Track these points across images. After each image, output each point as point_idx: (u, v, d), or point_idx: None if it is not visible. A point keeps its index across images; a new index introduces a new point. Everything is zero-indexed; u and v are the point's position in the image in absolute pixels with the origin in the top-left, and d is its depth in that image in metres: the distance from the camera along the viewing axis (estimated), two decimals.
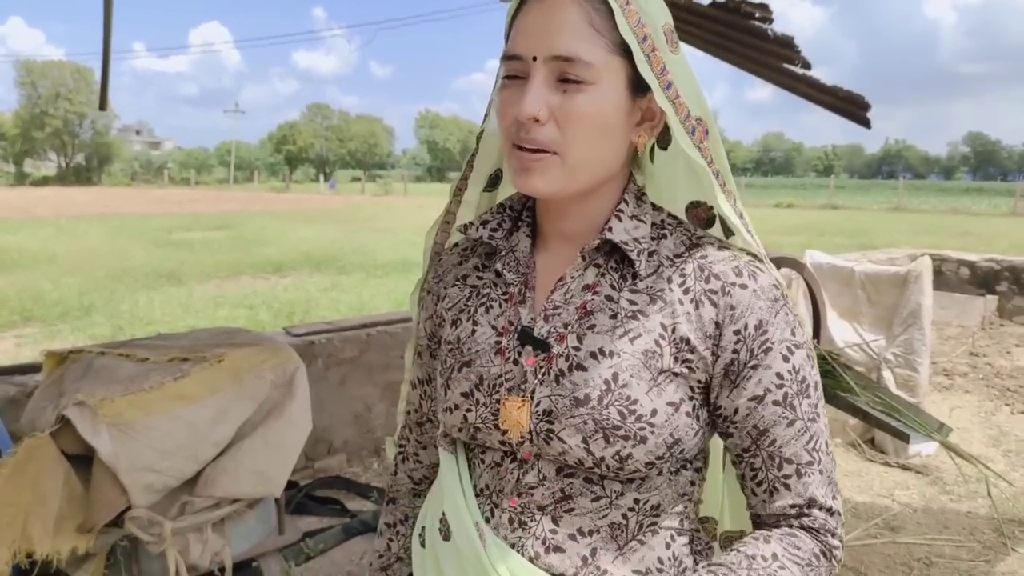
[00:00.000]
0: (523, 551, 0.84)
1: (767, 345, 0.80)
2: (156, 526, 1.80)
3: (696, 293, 0.82)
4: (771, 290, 0.81)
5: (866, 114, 3.72)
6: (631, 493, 0.82)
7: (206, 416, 1.79)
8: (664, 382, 0.80)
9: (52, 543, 1.68)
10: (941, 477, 3.85)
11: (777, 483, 0.82)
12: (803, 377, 0.81)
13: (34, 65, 61.27)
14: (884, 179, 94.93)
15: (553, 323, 0.84)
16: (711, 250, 0.84)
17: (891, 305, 4.29)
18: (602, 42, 0.77)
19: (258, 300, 9.08)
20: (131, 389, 1.74)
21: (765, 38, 3.90)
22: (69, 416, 1.68)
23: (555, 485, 0.83)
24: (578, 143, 0.78)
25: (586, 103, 0.77)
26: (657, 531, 0.85)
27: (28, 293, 9.58)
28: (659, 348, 0.80)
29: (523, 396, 0.83)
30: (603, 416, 0.78)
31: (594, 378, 0.80)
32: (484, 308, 0.90)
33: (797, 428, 0.81)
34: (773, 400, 0.80)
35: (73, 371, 1.83)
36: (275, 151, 79.48)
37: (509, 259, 0.90)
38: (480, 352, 0.87)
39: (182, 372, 1.80)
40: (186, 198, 36.85)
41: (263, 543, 2.10)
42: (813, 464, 0.81)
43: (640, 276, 0.83)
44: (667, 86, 0.80)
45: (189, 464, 1.80)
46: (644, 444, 0.78)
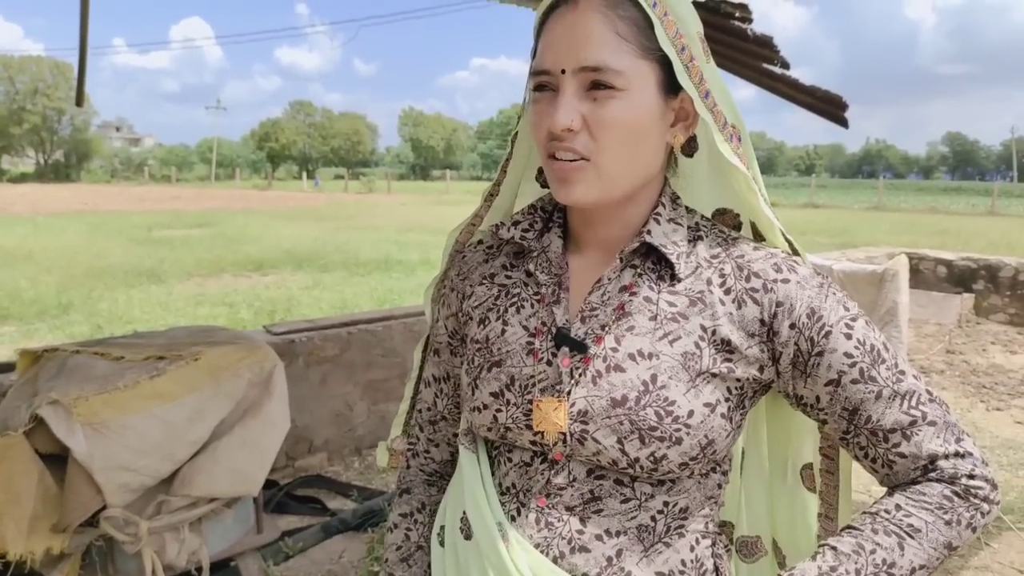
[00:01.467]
0: (548, 551, 0.84)
1: (826, 329, 0.80)
2: (132, 526, 1.79)
3: (738, 293, 0.82)
4: (813, 278, 0.83)
5: (844, 114, 3.77)
6: (661, 496, 0.83)
7: (182, 415, 1.78)
8: (702, 383, 0.80)
9: (26, 543, 1.66)
10: None
11: (890, 454, 0.81)
12: (871, 346, 0.80)
13: (11, 60, 60.31)
14: (864, 178, 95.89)
15: (590, 324, 0.85)
16: (747, 249, 0.85)
17: (868, 303, 4.33)
18: (629, 48, 0.77)
19: (239, 298, 9.01)
20: (106, 388, 1.72)
21: (745, 38, 3.93)
22: (43, 415, 1.66)
23: (585, 486, 0.83)
24: (612, 150, 0.79)
25: (618, 110, 0.78)
26: (684, 534, 0.85)
27: (4, 291, 9.44)
28: (698, 350, 0.81)
29: (559, 397, 0.83)
30: (640, 417, 0.79)
31: (632, 379, 0.80)
32: (515, 308, 0.90)
33: (887, 396, 0.80)
34: (851, 380, 0.80)
35: (47, 370, 1.81)
36: (257, 148, 78.90)
37: (541, 260, 0.91)
38: (511, 352, 0.87)
39: (158, 371, 1.78)
40: (167, 195, 36.50)
41: (241, 542, 2.09)
42: (917, 422, 0.80)
43: (679, 278, 0.84)
44: (705, 95, 0.82)
45: (165, 463, 1.79)
46: (679, 445, 0.79)
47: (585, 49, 0.77)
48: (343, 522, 2.85)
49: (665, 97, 0.82)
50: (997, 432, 4.49)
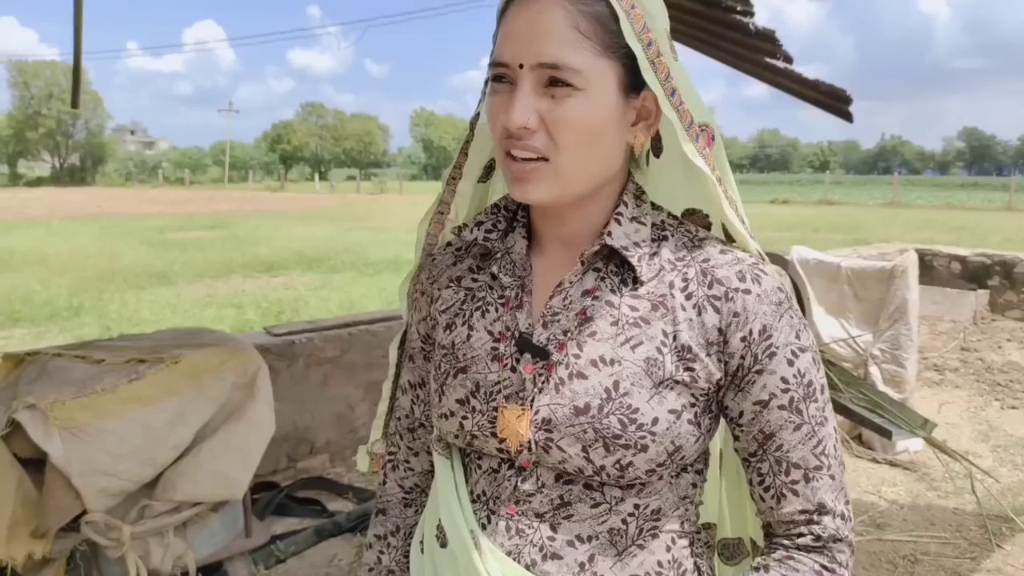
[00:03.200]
0: (520, 559, 0.82)
1: (771, 350, 0.78)
2: (114, 530, 1.76)
3: (698, 299, 0.80)
4: (775, 293, 0.80)
5: (848, 108, 3.69)
6: (631, 499, 0.81)
7: (163, 419, 1.75)
8: (665, 390, 0.78)
9: (6, 548, 1.64)
10: (928, 473, 3.82)
11: (784, 489, 0.81)
12: (809, 381, 0.79)
13: (26, 65, 61.08)
14: (880, 175, 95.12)
15: (552, 330, 0.82)
16: (714, 252, 0.82)
17: (877, 300, 4.26)
18: (589, 46, 0.74)
19: (247, 299, 9.03)
20: (83, 391, 1.69)
21: (747, 32, 3.86)
22: (19, 420, 1.63)
23: (554, 492, 0.82)
24: (570, 149, 0.77)
25: (575, 109, 0.75)
26: (658, 535, 0.84)
27: (17, 294, 9.52)
28: (660, 355, 0.79)
29: (522, 404, 0.81)
30: (603, 425, 0.77)
31: (595, 386, 0.79)
32: (480, 312, 0.88)
33: (804, 432, 0.79)
34: (779, 404, 0.79)
35: (28, 373, 1.79)
36: (270, 150, 79.42)
37: (505, 262, 0.88)
38: (476, 358, 0.85)
39: (137, 374, 1.75)
40: (180, 198, 36.77)
41: (229, 546, 2.06)
42: (822, 469, 0.80)
43: (641, 281, 0.81)
44: (671, 92, 0.79)
45: (146, 468, 1.76)
46: (645, 452, 0.77)
47: (544, 45, 0.74)
48: (336, 525, 2.82)
49: (626, 96, 0.79)
50: (1012, 431, 4.41)
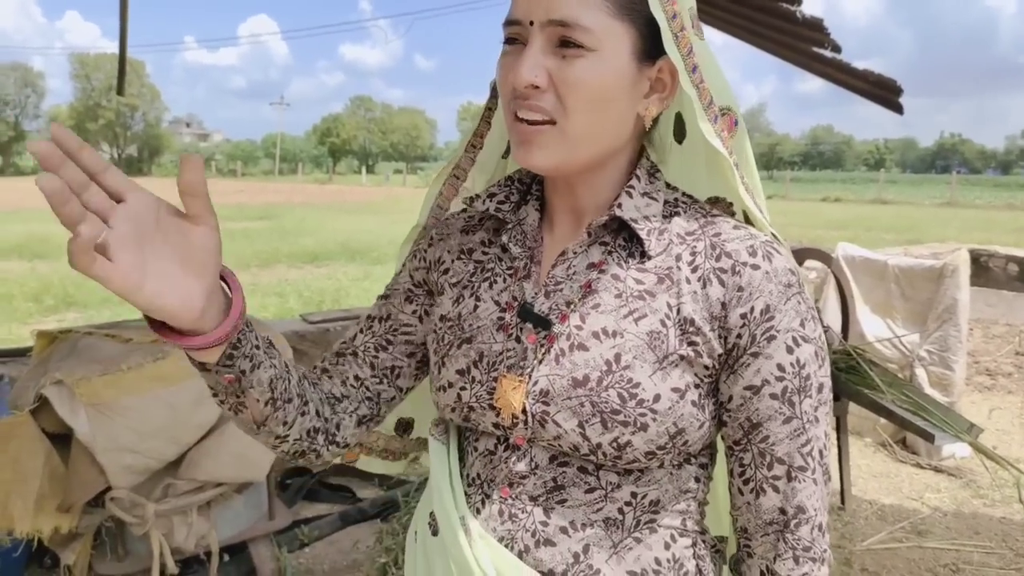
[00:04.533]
0: (512, 545, 0.80)
1: (771, 332, 0.74)
2: (139, 508, 1.79)
3: (705, 271, 0.77)
4: (785, 274, 0.75)
5: (898, 99, 3.57)
6: (628, 486, 0.78)
7: (187, 398, 1.77)
8: (669, 366, 0.75)
9: (33, 522, 1.68)
10: (975, 480, 3.68)
11: (765, 483, 0.77)
12: (807, 374, 0.75)
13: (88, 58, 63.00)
14: (938, 174, 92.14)
15: (555, 299, 0.81)
16: (726, 227, 0.79)
17: (926, 300, 4.12)
18: (603, 5, 0.72)
19: (290, 288, 9.18)
20: (109, 369, 1.73)
21: (793, 21, 3.76)
22: (47, 395, 1.67)
23: (547, 474, 0.79)
24: (578, 112, 0.74)
25: (586, 70, 0.73)
26: (656, 529, 0.80)
27: (71, 280, 9.82)
28: (664, 329, 0.76)
29: (521, 375, 0.79)
30: (602, 399, 0.74)
31: (595, 358, 0.76)
32: (488, 283, 0.86)
33: (793, 427, 0.75)
34: (770, 392, 0.75)
35: (60, 351, 1.83)
36: (319, 143, 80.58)
37: (516, 232, 0.87)
38: (482, 328, 0.84)
39: (163, 353, 1.78)
40: (232, 189, 37.54)
41: (252, 528, 2.08)
42: (806, 471, 0.75)
43: (649, 255, 0.79)
44: (692, 69, 0.76)
45: (170, 446, 1.78)
46: (644, 432, 0.74)
47: (555, 1, 0.72)
48: (361, 511, 2.84)
49: (640, 63, 0.76)
50: None
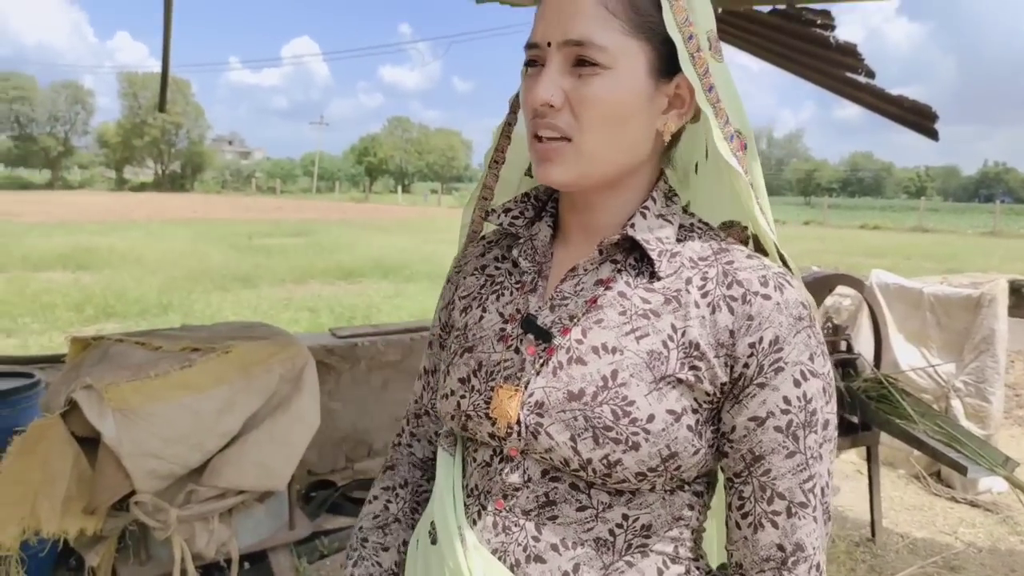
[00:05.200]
0: (505, 558, 0.80)
1: (779, 364, 0.73)
2: (162, 512, 1.83)
3: (715, 298, 0.76)
4: (797, 307, 0.75)
5: (933, 125, 3.52)
6: (619, 507, 0.77)
7: (212, 406, 1.80)
8: (666, 387, 0.75)
9: (60, 523, 1.72)
10: (1012, 516, 3.57)
11: (764, 518, 0.75)
12: (814, 409, 0.74)
13: (135, 77, 64.75)
14: (981, 203, 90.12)
15: (559, 313, 0.81)
16: (739, 256, 0.79)
17: (962, 330, 4.03)
18: (617, 25, 0.74)
19: (322, 304, 9.29)
20: (138, 376, 1.77)
21: (827, 46, 3.75)
22: (77, 399, 1.72)
23: (540, 488, 0.79)
24: (593, 129, 0.76)
25: (601, 87, 0.74)
26: (648, 554, 0.79)
27: (112, 291, 10.09)
28: (666, 350, 0.76)
29: (517, 385, 0.80)
30: (595, 414, 0.74)
31: (592, 373, 0.76)
32: (495, 295, 0.88)
33: (796, 462, 0.74)
34: (775, 425, 0.74)
35: (92, 356, 1.89)
36: (357, 162, 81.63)
37: (527, 247, 0.89)
38: (484, 338, 0.86)
39: (189, 362, 1.82)
40: (271, 206, 38.24)
41: (273, 537, 2.11)
42: (807, 507, 0.74)
43: (658, 276, 0.79)
44: (709, 88, 0.77)
45: (194, 453, 1.82)
46: (636, 451, 0.73)
47: (571, 22, 0.74)
48: None
49: (657, 80, 0.77)
50: None
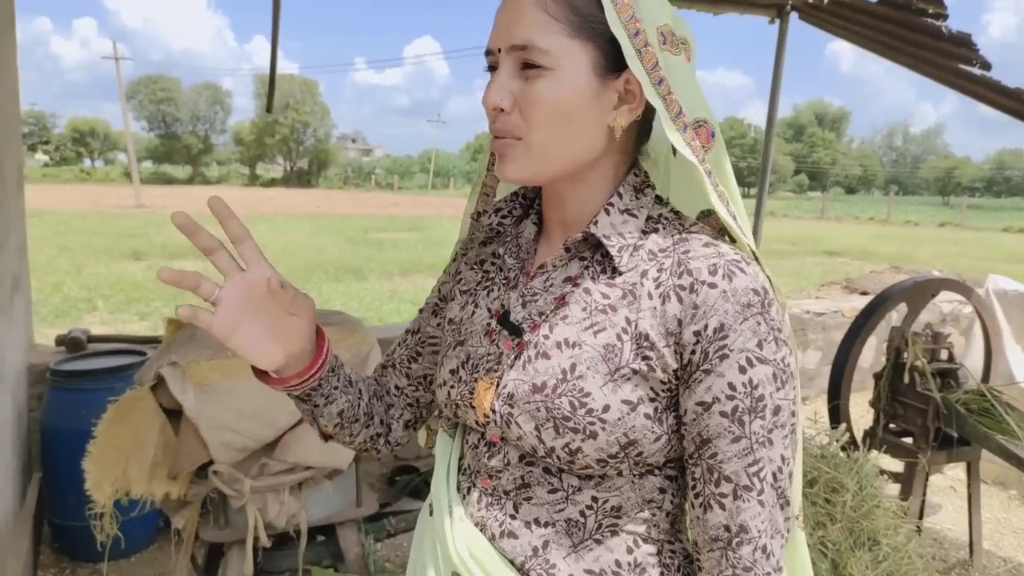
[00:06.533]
0: (485, 530, 0.87)
1: (723, 351, 0.75)
2: (237, 483, 1.98)
3: (666, 288, 0.79)
4: (746, 294, 0.75)
5: None
6: (588, 490, 0.82)
7: None
8: (621, 379, 0.78)
9: (147, 486, 1.90)
10: None
11: (712, 499, 0.77)
12: (760, 395, 0.75)
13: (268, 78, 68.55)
14: None
15: (529, 309, 0.87)
16: (696, 245, 0.80)
17: None
18: (558, 27, 0.77)
19: (424, 296, 9.56)
20: (217, 355, 1.93)
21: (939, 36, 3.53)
22: (163, 374, 1.89)
23: (517, 472, 0.85)
24: (539, 128, 0.80)
25: (544, 88, 0.78)
26: (618, 533, 0.83)
27: None
28: (620, 343, 0.79)
29: (493, 378, 0.85)
30: (555, 405, 0.79)
31: (553, 367, 0.80)
32: (486, 291, 0.94)
33: (741, 447, 0.75)
34: (720, 411, 0.75)
35: (183, 336, 2.06)
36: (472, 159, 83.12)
37: (512, 244, 0.95)
38: (473, 332, 0.92)
39: None
40: (388, 201, 39.62)
41: (340, 513, 2.23)
42: (752, 491, 0.75)
43: (620, 271, 0.82)
44: (658, 82, 0.79)
45: (266, 429, 1.96)
46: (594, 440, 0.77)
47: (515, 28, 0.79)
48: None
49: (603, 77, 0.80)
50: None
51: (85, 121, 69.54)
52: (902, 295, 3.40)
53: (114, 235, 16.36)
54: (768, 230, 23.07)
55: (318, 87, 68.34)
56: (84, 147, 68.26)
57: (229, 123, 70.85)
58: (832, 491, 2.41)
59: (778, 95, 4.65)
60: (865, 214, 39.83)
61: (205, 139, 68.17)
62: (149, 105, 64.99)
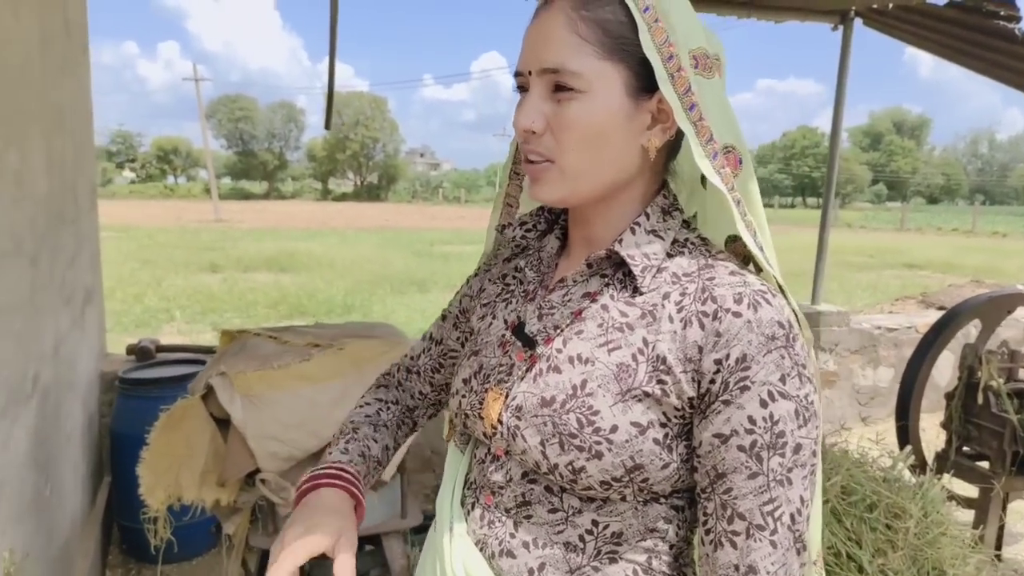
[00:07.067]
0: (485, 549, 0.86)
1: (745, 383, 0.72)
2: (284, 491, 2.02)
3: (688, 313, 0.76)
4: (771, 326, 0.73)
5: None
6: (589, 513, 0.80)
7: (327, 397, 1.97)
8: (632, 400, 0.76)
9: (198, 492, 1.96)
10: None
11: (723, 537, 0.74)
12: (781, 431, 0.72)
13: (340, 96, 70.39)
14: None
15: (545, 322, 0.86)
16: (722, 272, 0.78)
17: None
18: (590, 49, 0.77)
19: None
20: (263, 366, 1.98)
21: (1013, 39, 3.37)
22: (213, 384, 1.95)
23: (519, 488, 0.84)
24: (572, 151, 0.79)
25: (576, 111, 0.78)
26: (617, 560, 0.81)
27: (305, 291, 11.09)
28: (635, 363, 0.77)
29: (503, 389, 0.85)
30: (562, 420, 0.77)
31: (564, 382, 0.80)
32: (505, 303, 0.94)
33: (758, 484, 0.72)
34: (738, 444, 0.72)
35: (233, 347, 2.13)
36: None
37: (533, 258, 0.95)
38: (488, 343, 0.92)
39: (308, 356, 2.01)
40: (455, 215, 40.08)
41: (385, 523, 2.25)
42: (765, 530, 0.72)
43: (640, 291, 0.81)
44: (690, 107, 0.78)
45: (311, 439, 2.00)
46: (599, 460, 0.76)
47: (546, 51, 0.78)
48: None
49: (636, 98, 0.79)
50: None
51: (168, 140, 72.86)
52: (975, 311, 3.23)
53: (193, 248, 17.05)
54: (844, 241, 22.35)
55: (387, 103, 69.78)
56: (168, 164, 71.41)
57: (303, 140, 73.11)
58: (894, 517, 2.30)
59: (843, 102, 4.51)
60: (948, 225, 38.15)
61: (280, 155, 70.37)
62: (228, 123, 67.57)
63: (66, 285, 2.58)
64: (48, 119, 2.34)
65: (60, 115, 2.57)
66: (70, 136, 2.78)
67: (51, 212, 2.29)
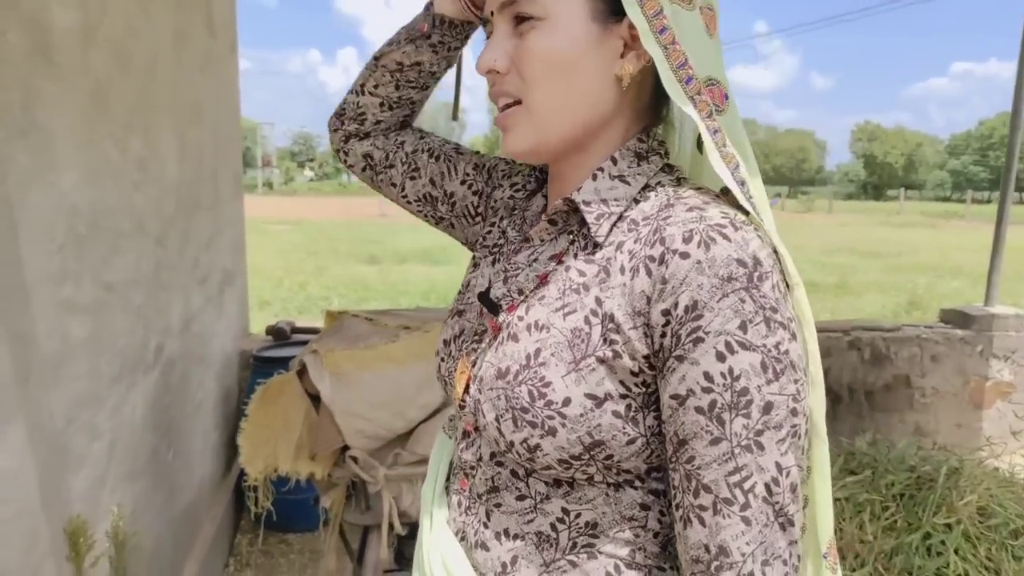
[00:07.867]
0: (465, 539, 0.80)
1: (698, 334, 0.62)
2: (373, 470, 2.06)
3: (638, 260, 0.67)
4: (726, 265, 0.61)
5: None
6: (558, 500, 0.72)
7: (411, 379, 1.99)
8: (586, 369, 0.67)
9: (292, 465, 2.04)
10: None
11: (691, 512, 0.64)
12: (744, 388, 0.61)
13: None
14: None
15: (510, 285, 0.80)
16: (681, 210, 0.68)
17: None
18: None
19: None
20: (352, 346, 2.02)
21: None
22: (306, 361, 2.02)
23: (489, 471, 0.77)
24: (538, 84, 0.73)
25: (537, 40, 0.72)
26: (595, 555, 0.72)
27: (452, 283, 11.43)
28: (587, 327, 0.69)
29: (471, 359, 0.80)
30: (514, 394, 0.70)
31: (519, 351, 0.72)
32: (491, 261, 0.89)
33: (721, 451, 0.62)
34: (696, 406, 0.62)
35: (333, 327, 2.20)
36: None
37: (516, 218, 0.89)
38: (471, 305, 0.86)
39: (396, 337, 2.03)
40: None
41: None
42: (734, 505, 0.61)
43: (601, 244, 0.72)
44: (660, 30, 0.70)
45: (397, 420, 2.02)
46: (553, 437, 0.68)
47: None
48: None
49: (604, 23, 0.71)
50: None
51: None
52: None
53: (356, 241, 18.08)
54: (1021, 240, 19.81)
55: None
56: None
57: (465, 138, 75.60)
58: None
59: None
60: None
61: None
62: None
63: (200, 266, 2.78)
64: (182, 112, 2.53)
65: (197, 109, 2.78)
66: (210, 129, 2.99)
67: (182, 197, 2.47)
